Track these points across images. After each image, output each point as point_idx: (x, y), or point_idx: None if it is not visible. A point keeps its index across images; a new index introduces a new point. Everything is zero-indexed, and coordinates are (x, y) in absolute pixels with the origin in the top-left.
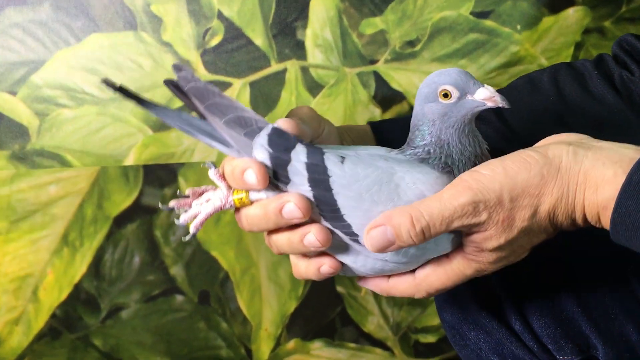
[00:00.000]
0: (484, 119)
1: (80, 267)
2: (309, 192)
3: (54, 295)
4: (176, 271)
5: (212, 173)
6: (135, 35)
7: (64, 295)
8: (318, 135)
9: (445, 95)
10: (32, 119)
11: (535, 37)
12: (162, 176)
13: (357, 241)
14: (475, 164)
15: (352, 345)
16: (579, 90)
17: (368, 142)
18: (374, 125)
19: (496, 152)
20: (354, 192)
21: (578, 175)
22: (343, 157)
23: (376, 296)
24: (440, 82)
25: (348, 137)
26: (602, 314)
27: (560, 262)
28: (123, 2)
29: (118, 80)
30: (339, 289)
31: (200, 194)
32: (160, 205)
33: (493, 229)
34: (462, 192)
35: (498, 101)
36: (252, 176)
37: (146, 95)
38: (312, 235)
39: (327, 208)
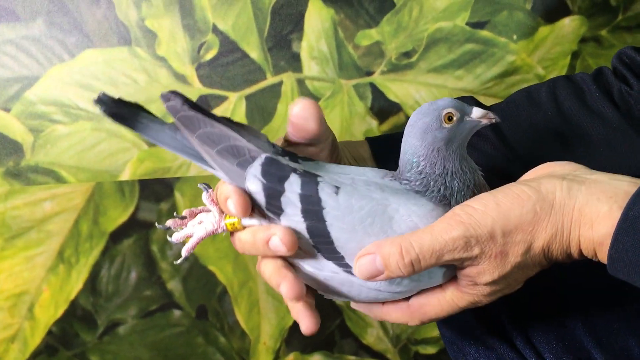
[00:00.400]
0: (482, 136)
1: (77, 283)
2: (301, 223)
3: (50, 312)
4: (173, 286)
5: (205, 197)
6: (130, 50)
7: (60, 312)
8: (327, 138)
9: (450, 119)
10: (27, 136)
11: (531, 47)
12: (158, 191)
13: (350, 272)
14: (474, 193)
15: (352, 357)
16: (578, 105)
17: (366, 158)
18: (371, 141)
19: (496, 170)
20: (348, 224)
21: (572, 211)
22: (338, 188)
23: None
24: (441, 106)
25: (347, 152)
26: (604, 328)
27: (561, 278)
28: (117, 18)
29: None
30: (338, 301)
31: (197, 214)
32: (157, 224)
33: (486, 263)
34: (454, 226)
35: (492, 117)
36: (232, 206)
37: None
38: (284, 286)
39: (321, 240)
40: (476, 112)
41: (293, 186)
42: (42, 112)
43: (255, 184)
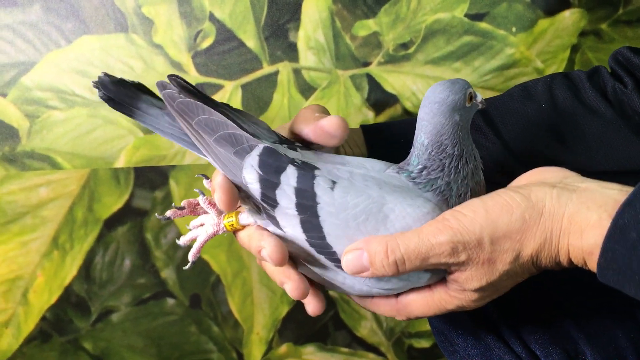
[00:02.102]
0: (478, 129)
1: (71, 269)
2: (295, 217)
3: (44, 298)
4: (167, 274)
5: (202, 200)
6: (126, 37)
7: (54, 298)
8: None
9: (471, 98)
10: (23, 121)
11: (530, 40)
12: (153, 178)
13: (341, 268)
14: (475, 186)
15: (345, 350)
16: (572, 99)
17: (359, 144)
18: (365, 129)
19: (493, 164)
20: (341, 220)
21: (562, 220)
22: (334, 182)
23: None
24: (467, 85)
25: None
26: (591, 320)
27: (549, 271)
28: (114, 4)
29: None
30: (332, 292)
31: (196, 205)
32: (157, 215)
33: (474, 270)
34: (442, 231)
35: (483, 102)
36: (217, 200)
37: None
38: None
39: (314, 234)
40: (479, 96)
41: (289, 179)
42: (38, 97)
43: (251, 175)
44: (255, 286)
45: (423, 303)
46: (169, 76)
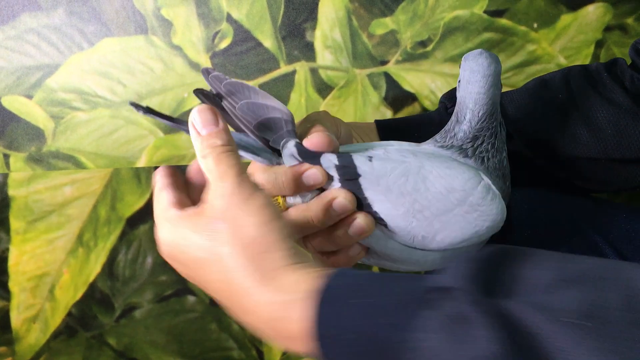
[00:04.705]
0: None
1: (95, 266)
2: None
3: (69, 294)
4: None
5: None
6: (146, 39)
7: (79, 294)
8: (337, 138)
9: None
10: (48, 122)
11: (553, 36)
12: None
13: (386, 226)
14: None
15: None
16: (588, 89)
17: (374, 140)
18: (379, 123)
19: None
20: (382, 186)
21: None
22: (371, 157)
23: None
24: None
25: (355, 133)
26: None
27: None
28: (134, 7)
29: (130, 84)
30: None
31: None
32: None
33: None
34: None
35: None
36: (317, 175)
37: (157, 98)
38: (359, 222)
39: (359, 203)
40: None
41: (330, 160)
42: (63, 99)
43: (293, 161)
44: None
45: None
46: (197, 90)
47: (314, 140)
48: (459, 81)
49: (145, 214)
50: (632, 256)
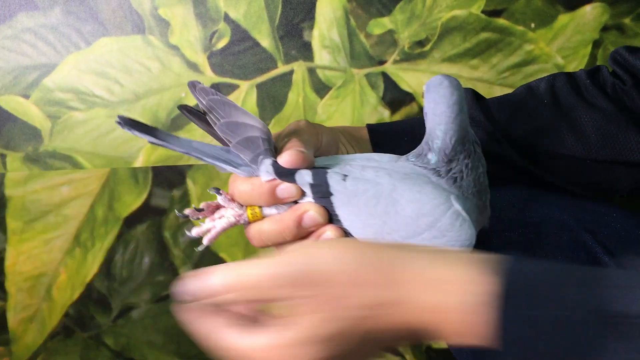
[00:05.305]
0: (474, 120)
1: (92, 267)
2: None
3: (66, 294)
4: (185, 272)
5: (221, 200)
6: (143, 38)
7: (76, 294)
8: (318, 149)
9: None
10: (45, 122)
11: (550, 36)
12: (170, 178)
13: None
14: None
15: None
16: (573, 95)
17: (364, 146)
18: (371, 128)
19: (487, 155)
20: (354, 206)
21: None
22: (345, 176)
23: None
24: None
25: (344, 139)
26: None
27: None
28: (131, 6)
29: (127, 84)
30: None
31: (215, 207)
32: (176, 212)
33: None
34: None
35: None
36: (291, 189)
37: (154, 98)
38: (329, 235)
39: (333, 223)
40: None
41: (304, 177)
42: (60, 99)
43: (269, 177)
44: None
45: None
46: (181, 105)
47: (287, 159)
48: (425, 113)
49: (143, 214)
50: (622, 255)
